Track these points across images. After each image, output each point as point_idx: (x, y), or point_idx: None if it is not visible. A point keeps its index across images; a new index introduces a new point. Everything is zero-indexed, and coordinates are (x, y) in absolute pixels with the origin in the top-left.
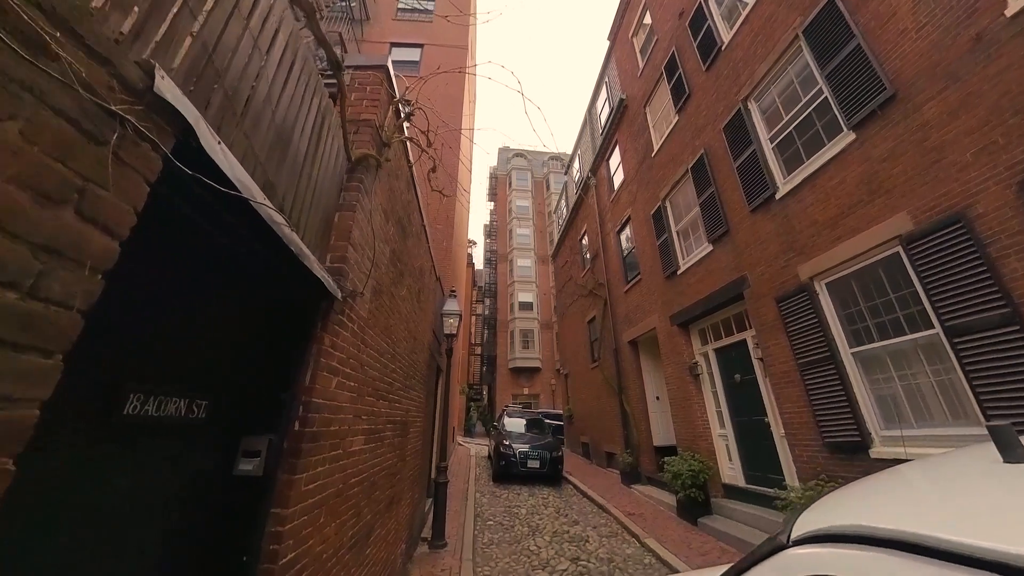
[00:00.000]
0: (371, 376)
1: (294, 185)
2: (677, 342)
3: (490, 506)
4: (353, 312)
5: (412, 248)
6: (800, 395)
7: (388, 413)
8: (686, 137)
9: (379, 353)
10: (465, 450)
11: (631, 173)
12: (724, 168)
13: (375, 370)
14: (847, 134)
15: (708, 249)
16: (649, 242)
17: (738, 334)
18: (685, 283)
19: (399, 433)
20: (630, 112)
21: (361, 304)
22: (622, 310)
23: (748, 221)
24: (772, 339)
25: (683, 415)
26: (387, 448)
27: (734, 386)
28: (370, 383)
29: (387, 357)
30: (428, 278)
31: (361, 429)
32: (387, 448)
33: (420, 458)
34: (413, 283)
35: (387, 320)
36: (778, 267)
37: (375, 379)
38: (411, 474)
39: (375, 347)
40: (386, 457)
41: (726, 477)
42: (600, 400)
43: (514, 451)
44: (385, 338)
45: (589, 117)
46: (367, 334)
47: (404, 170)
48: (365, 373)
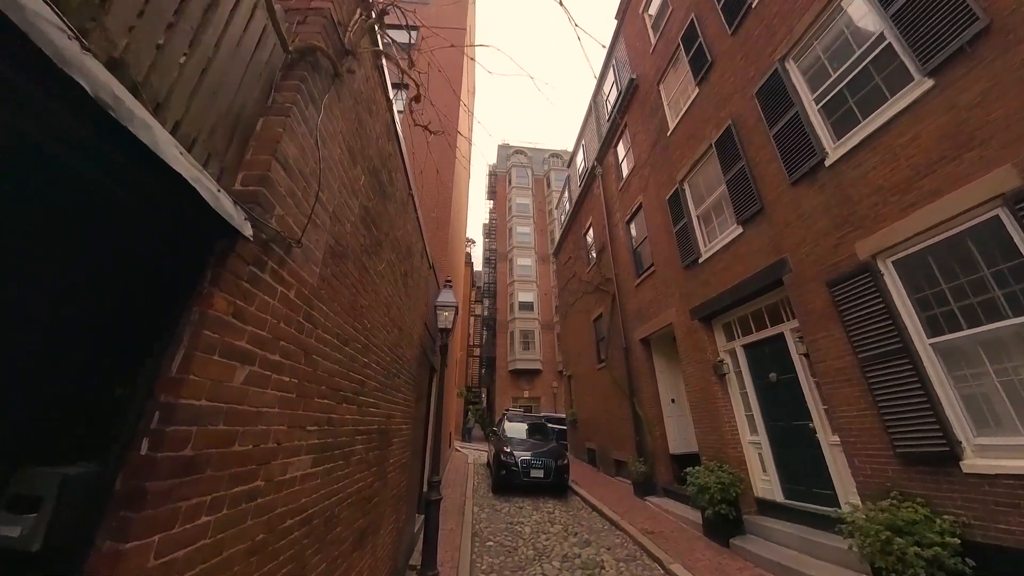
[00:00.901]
0: (326, 371)
1: (161, 51)
2: (698, 338)
3: (490, 523)
4: (287, 271)
5: (395, 216)
6: (861, 395)
7: (357, 421)
8: (708, 110)
9: (342, 341)
10: (462, 456)
11: (642, 157)
12: (757, 138)
13: (334, 363)
14: (922, 81)
15: (736, 232)
16: (664, 229)
17: (773, 327)
18: (708, 272)
19: (377, 445)
20: (641, 92)
21: (304, 263)
22: (633, 306)
23: (788, 195)
24: (821, 331)
25: (707, 420)
26: (357, 467)
27: (768, 387)
28: (324, 380)
29: (356, 347)
30: (419, 262)
31: (305, 446)
32: (357, 467)
33: (408, 472)
34: (397, 261)
35: (356, 298)
36: (829, 245)
37: (334, 375)
38: (395, 493)
39: (334, 332)
40: (354, 480)
41: (760, 491)
42: (608, 403)
43: (516, 459)
44: (353, 321)
45: (594, 104)
46: (318, 310)
47: (380, 105)
48: (314, 366)
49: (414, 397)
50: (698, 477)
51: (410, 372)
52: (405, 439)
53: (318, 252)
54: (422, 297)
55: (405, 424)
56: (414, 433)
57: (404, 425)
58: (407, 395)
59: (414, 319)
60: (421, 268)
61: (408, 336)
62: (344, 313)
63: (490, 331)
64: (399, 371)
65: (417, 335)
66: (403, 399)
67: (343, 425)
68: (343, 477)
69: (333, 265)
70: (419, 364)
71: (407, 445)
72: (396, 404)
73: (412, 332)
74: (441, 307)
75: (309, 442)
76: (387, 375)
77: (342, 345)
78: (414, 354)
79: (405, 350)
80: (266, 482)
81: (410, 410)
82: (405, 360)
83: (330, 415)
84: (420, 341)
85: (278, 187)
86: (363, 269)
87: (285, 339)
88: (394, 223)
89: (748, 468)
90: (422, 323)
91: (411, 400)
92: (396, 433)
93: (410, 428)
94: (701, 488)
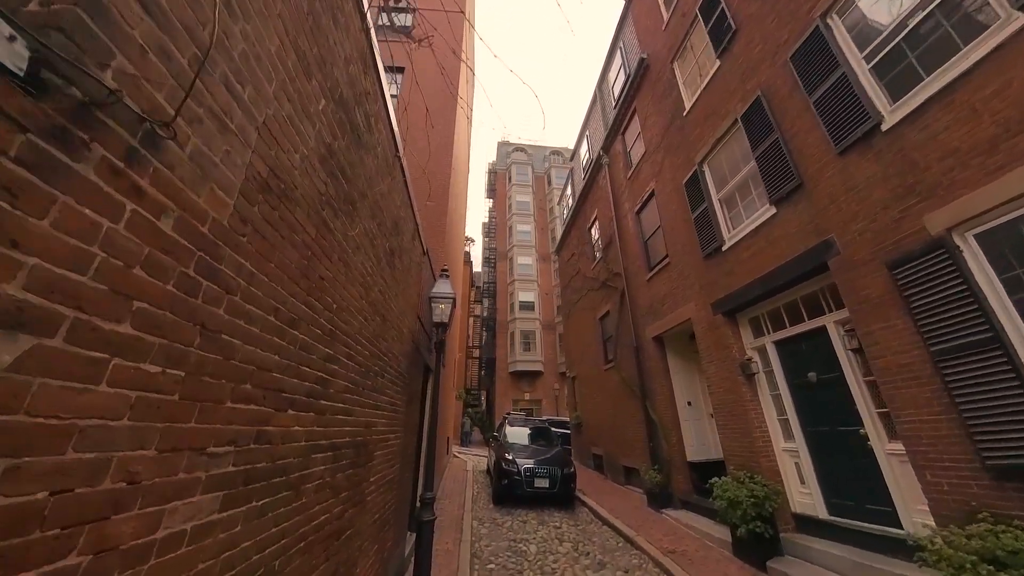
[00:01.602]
0: (251, 361)
1: None
2: (722, 335)
3: (491, 540)
4: (151, 179)
5: (375, 175)
6: (933, 396)
7: (315, 434)
8: (732, 82)
9: (285, 320)
10: (460, 463)
11: (655, 141)
12: (793, 107)
13: (269, 350)
14: (1012, 18)
15: (769, 213)
16: (681, 216)
17: (812, 320)
18: (733, 261)
19: (351, 463)
20: (652, 73)
21: (199, 180)
22: (644, 301)
23: (834, 167)
24: (878, 321)
25: (733, 425)
26: (316, 496)
27: (806, 387)
28: (248, 376)
29: (313, 332)
30: (409, 243)
31: (205, 479)
32: (316, 496)
33: (397, 489)
34: (380, 234)
35: (311, 265)
36: (888, 220)
37: (268, 368)
38: (378, 518)
39: (268, 305)
40: (310, 515)
41: (798, 506)
42: (616, 406)
43: (518, 467)
44: (307, 296)
45: (600, 92)
46: (231, 264)
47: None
48: (225, 351)
49: (404, 400)
50: (727, 489)
51: (398, 371)
52: (393, 451)
53: (231, 173)
54: (414, 285)
55: (392, 433)
56: (405, 442)
57: (391, 434)
58: (394, 398)
59: (404, 309)
60: (413, 252)
61: (396, 328)
62: (289, 281)
63: (490, 332)
64: (383, 369)
65: (408, 328)
66: (389, 403)
67: (288, 441)
68: (289, 514)
69: (266, 205)
70: (411, 362)
71: (395, 457)
72: (379, 410)
73: (401, 324)
74: (436, 299)
75: (214, 472)
76: (365, 373)
77: (286, 326)
78: (404, 350)
79: (392, 345)
80: (101, 554)
81: (398, 416)
82: (392, 356)
83: (261, 427)
84: (412, 336)
85: (122, 24)
86: (324, 228)
87: (150, 298)
88: (373, 182)
89: (784, 480)
90: (414, 315)
91: (400, 404)
92: (379, 445)
93: (399, 437)
94: (731, 502)
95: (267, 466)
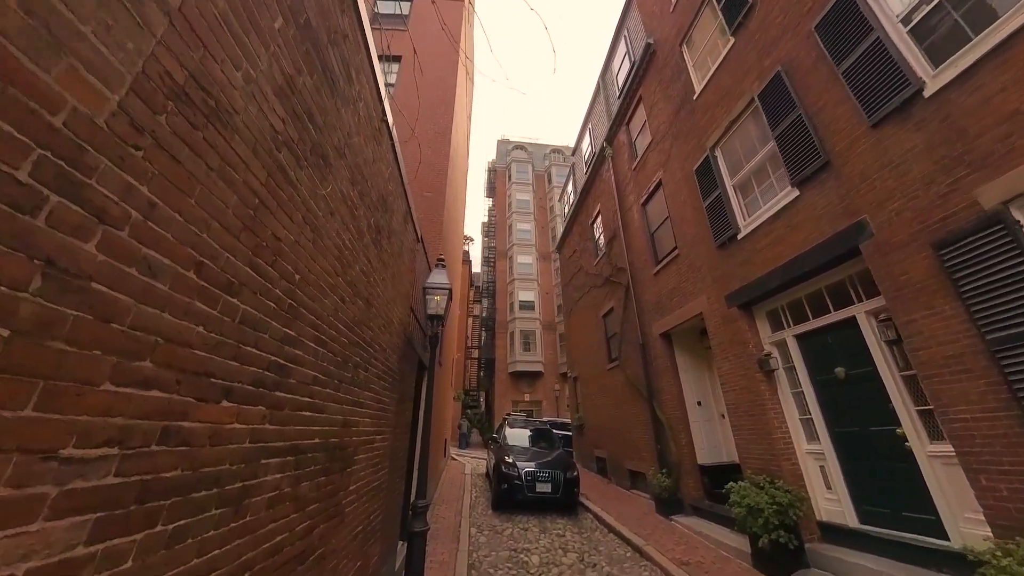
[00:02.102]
0: (146, 326)
1: None
2: (737, 329)
3: (490, 549)
4: None
5: (353, 131)
6: (989, 390)
7: (266, 434)
8: (748, 60)
9: (216, 283)
10: (459, 466)
11: (662, 129)
12: (818, 81)
13: (181, 315)
14: None
15: (790, 196)
16: (691, 205)
17: (838, 311)
18: (749, 250)
19: (322, 469)
20: (659, 58)
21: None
22: (650, 296)
23: (867, 141)
24: (920, 308)
25: (751, 425)
26: (270, 513)
27: (833, 384)
28: (135, 350)
29: (263, 306)
30: (400, 225)
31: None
32: (270, 513)
33: (385, 496)
34: (362, 204)
35: (258, 216)
36: (932, 196)
37: (181, 340)
38: (360, 530)
39: (171, 243)
40: (259, 537)
41: (824, 513)
42: (621, 407)
43: (519, 471)
44: (252, 255)
45: (603, 83)
46: (102, 171)
47: None
48: (81, 301)
49: (394, 398)
50: (745, 495)
51: (387, 365)
52: (379, 454)
53: (114, 58)
54: (406, 273)
55: (379, 434)
56: (395, 444)
57: (377, 435)
58: (382, 395)
59: (394, 297)
60: (405, 236)
61: (383, 317)
62: (224, 232)
63: (489, 332)
64: (367, 361)
65: (398, 319)
66: (375, 400)
67: (221, 441)
68: (225, 538)
69: (182, 120)
70: (402, 357)
71: (383, 461)
72: (362, 407)
73: (391, 314)
74: (431, 289)
75: (75, 486)
76: (343, 364)
77: (217, 290)
78: (393, 343)
79: (379, 335)
80: None
81: (387, 415)
82: (378, 348)
83: (171, 423)
84: (403, 329)
85: None
86: (281, 176)
87: None
88: (354, 144)
89: (807, 485)
90: (406, 306)
91: (389, 402)
92: (362, 447)
93: (387, 439)
94: (751, 510)
95: (183, 475)
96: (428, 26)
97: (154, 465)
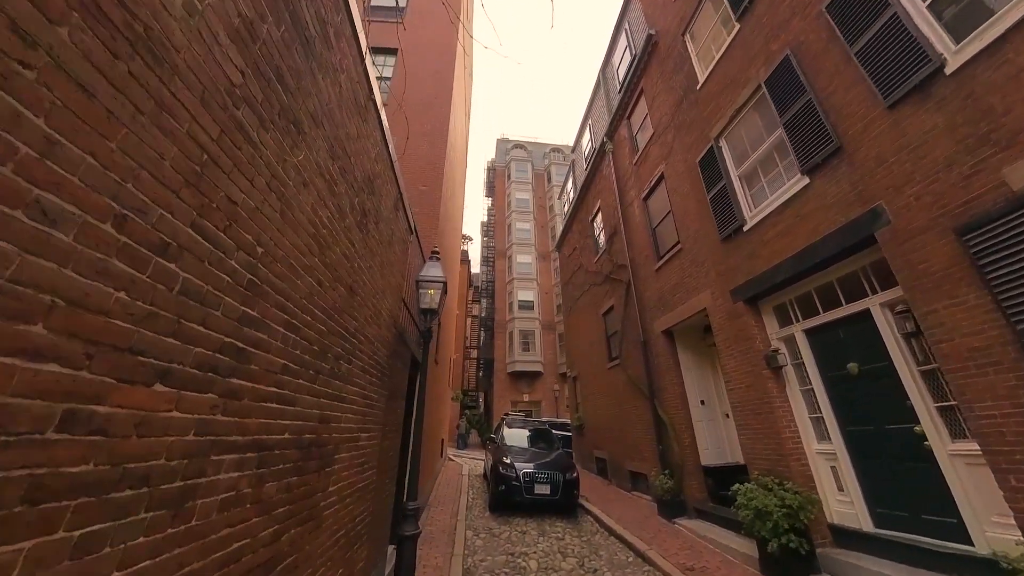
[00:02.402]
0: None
1: None
2: (743, 325)
3: (486, 554)
4: None
5: (332, 99)
6: (1020, 384)
7: (221, 427)
8: (754, 46)
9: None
10: (456, 467)
11: (664, 121)
12: (829, 63)
13: (90, 273)
14: None
15: (800, 184)
16: (694, 198)
17: (851, 304)
18: (756, 242)
19: (294, 468)
20: (661, 49)
21: None
22: (652, 293)
23: (882, 123)
24: (943, 298)
25: (757, 425)
26: (228, 517)
27: (845, 380)
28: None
29: (196, 267)
30: (391, 212)
31: None
32: (228, 517)
33: (372, 497)
34: (341, 179)
35: (195, 166)
36: (955, 178)
37: (84, 306)
38: (342, 535)
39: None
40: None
41: (836, 516)
42: (622, 407)
43: (517, 472)
44: (196, 215)
45: (603, 77)
46: None
47: None
48: None
49: (383, 395)
50: (753, 497)
51: (374, 359)
52: (366, 453)
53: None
54: (398, 264)
55: (365, 432)
56: (385, 443)
57: (363, 433)
58: (369, 391)
59: (383, 288)
60: (396, 224)
61: (371, 308)
62: (157, 184)
63: (488, 332)
64: (351, 353)
65: (388, 311)
66: (360, 395)
67: (153, 432)
68: (157, 547)
69: (91, 38)
70: (393, 353)
71: (370, 460)
72: (344, 402)
73: (379, 306)
74: (425, 282)
75: None
76: (321, 354)
77: (146, 251)
78: (383, 336)
79: (366, 327)
80: None
81: (374, 412)
82: (364, 340)
83: (76, 405)
84: (394, 322)
85: None
86: (240, 134)
87: None
88: (331, 108)
89: (818, 486)
90: (397, 299)
91: (377, 398)
92: (345, 445)
93: (375, 437)
94: (759, 513)
95: (96, 471)
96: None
97: (50, 457)
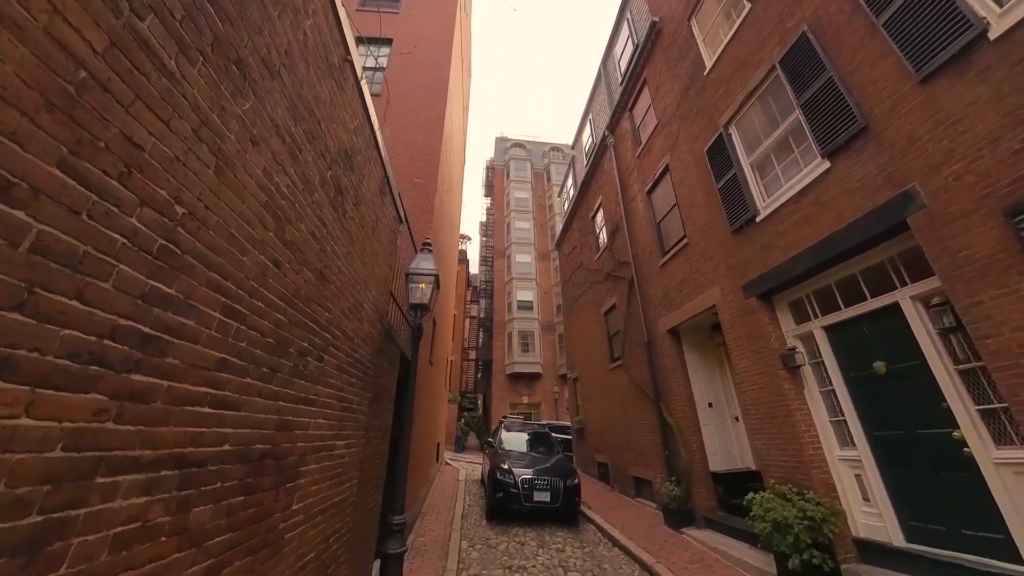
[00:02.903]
0: None
1: None
2: (756, 322)
3: (482, 566)
4: None
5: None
6: None
7: (105, 438)
8: (767, 26)
9: None
10: (452, 472)
11: (669, 111)
12: (852, 37)
13: None
14: None
15: (820, 168)
16: (702, 189)
17: (877, 298)
18: (770, 233)
19: (239, 486)
20: (666, 36)
21: None
22: (656, 291)
23: (915, 99)
24: (988, 288)
25: (773, 429)
26: (123, 559)
27: (870, 381)
28: None
29: (67, 221)
30: (376, 195)
31: None
32: (123, 559)
33: (352, 513)
34: (308, 146)
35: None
36: (1002, 154)
37: None
38: (312, 559)
39: None
40: None
41: (862, 529)
42: (625, 409)
43: (515, 478)
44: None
45: (604, 70)
46: None
47: None
48: None
49: (367, 397)
50: (770, 508)
51: (354, 357)
52: (344, 462)
53: None
54: (384, 255)
55: (342, 439)
56: (368, 451)
57: (339, 441)
58: (347, 392)
59: (365, 279)
60: (382, 209)
61: (349, 300)
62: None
63: (487, 333)
64: (323, 350)
65: (372, 305)
66: (335, 398)
67: None
68: None
69: None
70: (378, 351)
71: (349, 471)
72: (313, 405)
73: (361, 298)
74: (415, 275)
75: None
76: (278, 348)
77: None
78: (365, 332)
79: (342, 320)
80: None
81: (354, 416)
82: (341, 335)
83: None
84: (379, 317)
85: None
86: (144, 50)
87: None
88: (292, 59)
89: (842, 496)
90: (384, 292)
91: (359, 401)
92: (314, 455)
93: (355, 445)
94: (778, 526)
95: None
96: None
97: None
